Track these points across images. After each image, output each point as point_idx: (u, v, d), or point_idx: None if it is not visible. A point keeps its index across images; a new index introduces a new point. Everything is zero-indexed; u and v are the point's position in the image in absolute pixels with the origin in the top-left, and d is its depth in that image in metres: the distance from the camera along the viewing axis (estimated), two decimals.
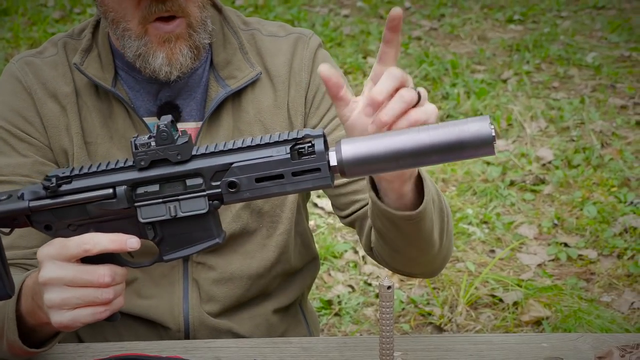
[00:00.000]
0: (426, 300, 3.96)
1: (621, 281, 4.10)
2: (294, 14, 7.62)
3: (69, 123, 1.93)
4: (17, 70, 1.95)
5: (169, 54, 1.79)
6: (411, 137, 1.35)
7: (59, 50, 1.97)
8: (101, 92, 1.93)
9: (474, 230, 4.46)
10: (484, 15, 7.87)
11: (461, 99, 5.96)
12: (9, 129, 1.91)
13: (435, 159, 1.36)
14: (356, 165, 1.37)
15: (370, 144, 1.37)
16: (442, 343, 1.87)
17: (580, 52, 6.83)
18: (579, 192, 4.79)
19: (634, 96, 6.07)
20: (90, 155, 1.94)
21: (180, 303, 1.98)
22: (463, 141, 1.33)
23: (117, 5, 1.78)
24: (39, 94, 1.93)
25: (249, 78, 1.95)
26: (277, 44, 2.02)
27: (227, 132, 1.96)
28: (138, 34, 1.79)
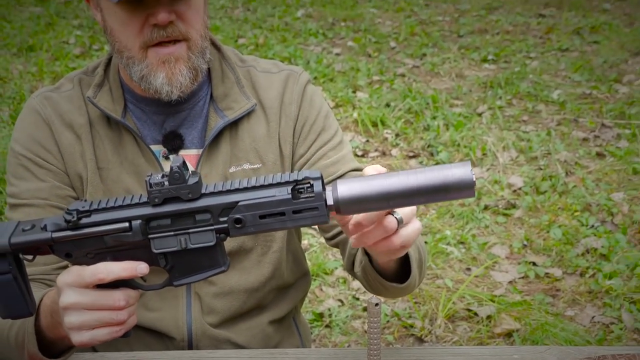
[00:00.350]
0: (408, 313, 3.95)
1: (583, 297, 4.09)
2: (291, 52, 7.64)
3: (84, 151, 1.92)
4: (37, 104, 1.95)
5: (169, 74, 1.78)
6: (401, 181, 1.35)
7: (74, 85, 1.97)
8: (112, 122, 1.93)
9: (452, 250, 4.45)
10: (461, 55, 7.90)
11: (441, 130, 5.96)
12: (29, 157, 1.90)
13: (422, 200, 1.36)
14: (350, 204, 1.37)
15: (363, 185, 1.36)
16: (425, 355, 1.85)
17: (547, 90, 6.86)
18: (546, 216, 4.79)
19: (595, 130, 6.08)
20: (102, 179, 1.93)
21: (184, 315, 1.97)
22: (448, 185, 1.34)
23: (122, 34, 1.78)
24: (56, 125, 1.92)
25: (244, 109, 1.94)
26: (270, 79, 2.02)
27: (225, 159, 1.95)
28: (140, 58, 1.78)
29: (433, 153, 5.67)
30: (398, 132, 6.00)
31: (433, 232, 4.64)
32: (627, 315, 3.93)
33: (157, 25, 1.74)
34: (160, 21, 1.72)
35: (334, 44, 8.22)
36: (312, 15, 9.19)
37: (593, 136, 5.99)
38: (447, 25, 8.95)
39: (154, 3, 1.72)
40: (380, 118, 6.12)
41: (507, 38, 8.45)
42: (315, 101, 2.03)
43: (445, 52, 7.94)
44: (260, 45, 7.87)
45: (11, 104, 6.07)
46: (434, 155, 5.63)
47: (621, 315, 3.93)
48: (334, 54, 7.82)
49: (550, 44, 8.22)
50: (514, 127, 6.14)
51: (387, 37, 8.43)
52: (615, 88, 6.94)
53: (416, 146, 5.80)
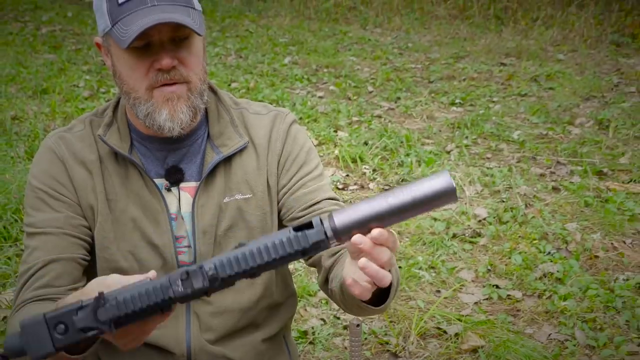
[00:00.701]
0: (384, 331, 3.94)
1: (541, 317, 4.10)
2: (279, 95, 7.66)
3: (94, 184, 1.94)
4: (52, 143, 1.97)
5: (171, 111, 1.81)
6: (388, 201, 1.36)
7: (85, 126, 2.00)
8: (119, 158, 1.95)
9: (423, 274, 4.46)
10: (431, 98, 7.93)
11: (414, 166, 5.98)
12: (46, 190, 1.92)
13: (413, 213, 1.37)
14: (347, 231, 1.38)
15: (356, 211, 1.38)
16: None
17: (508, 130, 6.89)
18: (508, 244, 4.80)
19: (551, 167, 6.11)
20: (111, 209, 1.95)
21: (184, 332, 1.97)
22: (433, 196, 1.34)
23: (130, 78, 1.81)
24: (70, 162, 1.94)
25: (237, 146, 1.97)
26: (260, 120, 2.05)
27: (220, 190, 1.97)
28: (146, 98, 1.81)
29: None
30: (375, 168, 6.01)
31: (406, 258, 4.64)
32: (579, 333, 3.94)
33: (162, 70, 1.78)
34: (165, 66, 1.76)
35: (318, 88, 8.26)
36: (297, 62, 9.23)
37: (549, 172, 6.02)
38: (419, 72, 9.00)
39: (158, 49, 1.76)
40: (359, 155, 6.13)
41: (472, 84, 8.49)
42: (298, 138, 2.06)
43: (417, 96, 7.98)
44: (251, 89, 7.89)
45: (26, 141, 6.06)
46: None
47: (574, 333, 3.94)
48: (318, 97, 7.85)
49: (510, 90, 8.27)
50: (479, 163, 6.17)
51: (365, 82, 8.47)
52: (568, 129, 6.99)
53: (391, 180, 5.82)
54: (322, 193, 2.01)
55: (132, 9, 1.73)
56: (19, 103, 6.98)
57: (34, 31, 10.07)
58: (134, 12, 1.73)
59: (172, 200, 1.97)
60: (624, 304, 4.17)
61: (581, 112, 7.49)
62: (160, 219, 1.95)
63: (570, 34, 10.61)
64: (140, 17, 1.72)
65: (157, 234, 1.95)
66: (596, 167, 6.04)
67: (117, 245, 1.94)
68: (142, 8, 1.73)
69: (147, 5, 1.73)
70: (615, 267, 4.60)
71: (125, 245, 1.94)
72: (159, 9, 1.73)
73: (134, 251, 1.95)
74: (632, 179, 5.88)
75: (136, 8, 1.73)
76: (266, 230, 2.02)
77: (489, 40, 10.41)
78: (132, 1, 1.74)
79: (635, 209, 5.31)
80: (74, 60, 8.76)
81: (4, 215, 4.74)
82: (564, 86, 8.32)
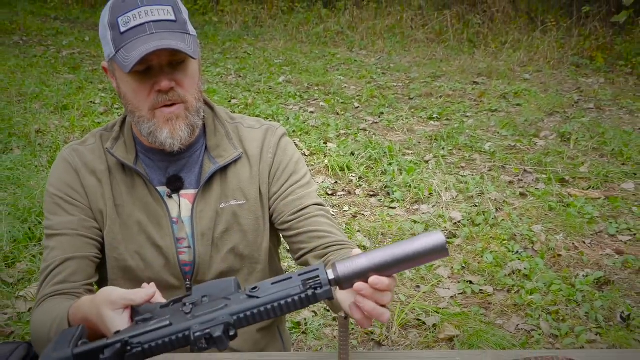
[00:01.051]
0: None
1: (510, 309, 4.09)
2: (274, 110, 7.65)
3: (104, 191, 1.94)
4: (67, 155, 1.98)
5: (171, 129, 1.82)
6: (388, 254, 1.36)
7: (96, 140, 2.00)
8: (126, 168, 1.95)
9: (405, 272, 4.45)
10: (411, 114, 7.94)
11: (395, 174, 5.97)
12: (61, 196, 1.93)
13: (407, 266, 1.37)
14: (348, 280, 1.38)
15: (358, 264, 1.38)
16: (383, 357, 1.85)
17: (480, 142, 6.90)
18: (480, 244, 4.80)
19: (518, 175, 6.12)
20: (118, 214, 1.95)
21: None
22: (427, 250, 1.35)
23: (134, 99, 1.82)
24: (82, 172, 1.95)
25: (232, 157, 1.97)
26: (253, 133, 2.05)
27: (216, 196, 1.97)
28: (148, 118, 1.82)
29: (389, 192, 5.68)
30: (361, 176, 6.01)
31: None
32: (544, 324, 3.94)
33: (161, 91, 1.78)
34: (163, 87, 1.77)
35: (309, 104, 8.25)
36: (291, 81, 9.23)
37: (517, 180, 6.03)
38: (400, 89, 9.01)
39: (158, 73, 1.78)
40: (347, 164, 6.13)
41: (448, 101, 8.50)
42: (288, 150, 2.06)
43: (398, 111, 7.99)
44: (249, 105, 7.88)
45: (49, 152, 6.05)
46: (390, 194, 5.64)
47: (540, 324, 3.94)
48: (309, 112, 7.84)
49: (482, 106, 8.29)
50: (454, 172, 6.17)
51: (352, 98, 8.47)
52: (534, 142, 7.00)
53: (375, 187, 5.81)
54: (309, 199, 2.02)
55: (133, 37, 1.74)
56: (42, 118, 6.96)
57: (56, 54, 10.05)
58: (134, 39, 1.74)
59: (173, 206, 1.96)
60: (584, 298, 4.18)
61: (545, 126, 7.51)
62: (163, 223, 1.95)
63: (535, 56, 10.64)
64: (140, 44, 1.72)
65: (160, 236, 1.95)
66: (559, 175, 6.05)
67: (125, 246, 1.94)
68: (142, 36, 1.74)
69: (146, 33, 1.74)
70: (576, 265, 4.61)
71: (132, 247, 1.94)
72: (157, 36, 1.73)
73: (140, 251, 1.94)
74: (591, 186, 5.90)
75: (137, 36, 1.74)
76: (259, 233, 2.02)
77: (462, 62, 10.43)
78: (133, 30, 1.75)
79: (594, 212, 5.32)
80: (91, 79, 8.74)
81: (29, 217, 4.73)
82: (530, 103, 8.34)
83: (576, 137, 7.05)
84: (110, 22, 1.79)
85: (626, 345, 3.75)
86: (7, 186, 5.22)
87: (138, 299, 1.51)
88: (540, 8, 12.95)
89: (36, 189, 5.07)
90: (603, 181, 5.99)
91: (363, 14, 12.85)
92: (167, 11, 1.78)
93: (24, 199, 4.92)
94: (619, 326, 3.95)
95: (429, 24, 12.32)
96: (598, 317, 3.99)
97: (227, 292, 1.43)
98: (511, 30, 11.75)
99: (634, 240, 4.98)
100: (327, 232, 1.95)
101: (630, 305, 4.13)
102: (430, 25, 12.28)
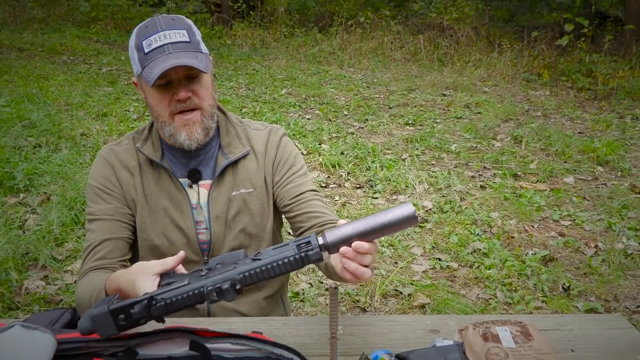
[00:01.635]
0: (355, 292, 3.93)
1: (471, 281, 4.10)
2: (277, 117, 7.63)
3: (135, 183, 1.95)
4: (105, 154, 1.98)
5: (189, 133, 1.83)
6: (368, 223, 1.39)
7: (129, 141, 2.01)
8: (154, 164, 1.95)
9: (385, 250, 4.45)
10: (391, 120, 7.93)
11: (377, 170, 5.97)
12: (100, 187, 1.93)
13: (384, 232, 1.39)
14: (335, 246, 1.41)
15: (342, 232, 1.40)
16: (367, 321, 1.85)
17: (448, 144, 6.89)
18: (447, 228, 4.81)
19: (479, 170, 6.12)
20: (147, 202, 1.96)
21: None
22: (400, 219, 1.38)
23: (157, 107, 1.83)
24: (117, 167, 1.95)
25: (241, 153, 1.98)
26: (259, 134, 2.06)
27: (229, 185, 1.98)
28: (169, 122, 1.83)
29: (372, 185, 5.67)
30: (349, 171, 6.00)
31: None
32: (500, 293, 3.94)
33: (180, 100, 1.79)
34: (181, 97, 1.79)
35: (306, 112, 8.23)
36: (291, 93, 9.21)
37: (478, 175, 6.03)
38: (382, 100, 8.99)
39: (176, 85, 1.80)
40: (337, 162, 6.12)
41: (421, 109, 8.49)
42: (287, 147, 2.08)
43: (380, 118, 7.98)
44: (257, 113, 7.87)
45: (91, 151, 6.02)
46: (373, 187, 5.64)
47: (496, 293, 3.94)
48: (306, 119, 7.83)
49: (449, 114, 8.28)
50: (426, 168, 6.17)
51: (342, 107, 8.45)
52: (492, 143, 7.00)
53: (361, 180, 5.81)
54: (306, 186, 2.03)
55: (155, 57, 1.76)
56: (85, 123, 6.93)
57: (97, 71, 10.00)
58: (156, 58, 1.76)
59: (193, 194, 1.97)
60: (532, 272, 4.19)
61: (501, 131, 7.51)
62: (184, 209, 1.95)
63: (493, 73, 10.63)
64: (160, 62, 1.74)
65: (182, 219, 1.95)
66: (512, 171, 6.06)
67: (153, 228, 1.94)
68: (162, 55, 1.75)
69: (165, 53, 1.76)
70: (526, 245, 4.61)
71: (158, 228, 1.94)
72: (174, 56, 1.75)
73: (165, 232, 1.95)
74: (539, 180, 5.91)
75: (157, 56, 1.76)
76: (264, 216, 2.03)
77: (433, 77, 10.41)
78: (154, 51, 1.76)
79: (541, 202, 5.33)
80: (126, 92, 8.71)
81: (75, 205, 4.72)
82: (488, 111, 8.34)
83: (527, 140, 7.05)
84: (136, 45, 1.80)
85: (567, 311, 3.76)
86: (57, 180, 5.20)
87: (171, 261, 1.56)
88: (497, 33, 12.96)
89: (80, 182, 5.06)
90: (548, 176, 6.00)
91: (351, 37, 12.82)
92: (182, 34, 1.80)
93: (70, 190, 4.91)
94: (560, 295, 3.96)
95: (405, 46, 12.30)
96: (544, 288, 4.00)
97: (236, 259, 1.46)
98: (473, 51, 11.73)
99: (574, 224, 4.99)
100: (321, 212, 1.96)
101: (570, 278, 4.14)
102: (406, 47, 12.26)
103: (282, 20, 14.28)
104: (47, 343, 1.52)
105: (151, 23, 1.81)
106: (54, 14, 15.42)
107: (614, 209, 5.24)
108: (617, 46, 11.15)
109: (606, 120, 8.02)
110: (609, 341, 1.77)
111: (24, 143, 5.98)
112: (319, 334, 1.75)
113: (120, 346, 1.63)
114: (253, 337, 1.64)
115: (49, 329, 1.60)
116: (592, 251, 4.53)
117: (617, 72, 9.93)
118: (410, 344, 1.70)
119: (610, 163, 6.41)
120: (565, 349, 1.72)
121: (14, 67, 9.72)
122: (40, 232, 4.34)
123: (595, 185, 5.85)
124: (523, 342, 1.59)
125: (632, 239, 4.71)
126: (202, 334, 1.64)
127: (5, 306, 3.58)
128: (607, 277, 4.18)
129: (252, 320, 1.84)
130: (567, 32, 10.52)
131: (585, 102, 9.18)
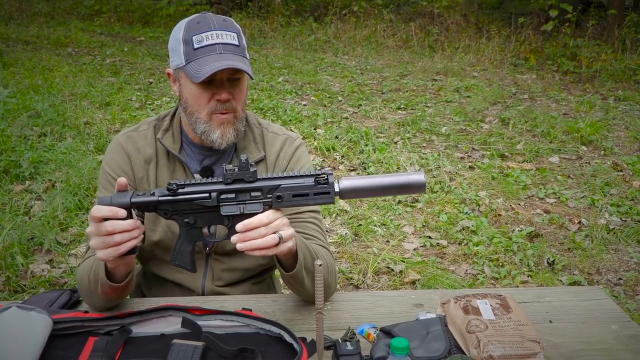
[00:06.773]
0: (349, 270, 3.93)
1: (460, 258, 4.10)
2: (275, 103, 7.59)
3: (149, 172, 1.90)
4: (122, 141, 1.92)
5: (222, 132, 1.78)
6: (381, 180, 1.45)
7: (149, 127, 1.94)
8: (170, 155, 1.90)
9: (377, 229, 4.45)
10: (384, 105, 7.90)
11: (370, 153, 5.95)
12: (113, 175, 1.88)
13: (393, 192, 1.46)
14: (349, 193, 1.46)
15: (359, 181, 1.46)
16: (354, 296, 1.84)
17: (438, 127, 6.87)
18: (438, 207, 4.80)
19: (468, 152, 6.11)
20: None
21: (201, 279, 1.93)
22: (410, 183, 1.45)
23: (194, 103, 1.77)
24: (133, 156, 1.90)
25: (255, 159, 1.92)
26: (275, 139, 1.99)
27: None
28: (205, 120, 1.78)
29: (366, 167, 5.66)
30: (343, 154, 5.99)
31: (365, 218, 4.63)
32: (487, 269, 3.94)
33: (220, 100, 1.75)
34: (223, 98, 1.74)
35: (302, 98, 8.20)
36: (288, 80, 9.16)
37: (467, 156, 6.02)
38: (375, 86, 8.96)
39: (219, 85, 1.74)
40: (332, 145, 6.10)
41: (413, 94, 8.46)
42: (300, 160, 1.99)
43: (373, 103, 7.95)
44: (255, 100, 7.83)
45: (94, 139, 6.00)
46: (366, 169, 5.63)
47: (484, 269, 3.95)
48: (302, 105, 7.80)
49: (440, 98, 8.25)
50: (417, 150, 6.15)
51: (337, 94, 8.42)
52: (480, 126, 6.98)
53: (355, 163, 5.80)
54: (306, 206, 1.97)
55: (204, 54, 1.70)
56: (89, 112, 6.91)
57: (101, 62, 9.94)
58: (206, 56, 1.70)
59: None
60: (518, 248, 4.19)
61: (489, 113, 7.49)
62: None
63: (481, 58, 10.58)
64: (211, 60, 1.69)
65: None
66: (500, 152, 6.05)
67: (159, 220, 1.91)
68: (212, 54, 1.70)
69: (216, 52, 1.70)
70: (512, 222, 4.61)
71: (164, 220, 1.89)
72: (225, 57, 1.70)
73: (170, 225, 1.89)
74: (525, 160, 5.90)
75: (208, 53, 1.70)
76: None
77: (424, 63, 10.37)
78: (205, 48, 1.71)
79: (527, 180, 5.32)
80: (129, 82, 8.67)
81: (79, 192, 4.70)
82: (477, 95, 8.31)
83: (514, 122, 7.03)
84: (184, 38, 1.74)
85: (551, 284, 3.76)
86: (61, 167, 5.19)
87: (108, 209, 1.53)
88: (486, 20, 12.88)
89: (84, 169, 5.04)
90: (534, 156, 5.99)
91: (345, 26, 12.75)
92: (233, 37, 1.75)
93: (74, 177, 4.89)
94: (545, 270, 3.96)
95: (397, 34, 12.24)
96: (530, 263, 4.01)
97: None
98: (463, 37, 11.68)
99: (558, 202, 4.99)
100: (311, 236, 1.89)
101: (555, 253, 4.15)
102: (398, 34, 12.20)
103: (279, 10, 14.18)
104: (43, 323, 1.51)
105: (203, 19, 1.75)
106: (59, 7, 15.32)
107: (597, 186, 5.24)
108: (600, 30, 11.11)
109: (590, 101, 8.00)
110: (586, 312, 1.77)
111: (29, 132, 5.96)
112: (307, 310, 1.75)
113: (115, 325, 1.63)
114: (243, 313, 1.64)
115: (45, 310, 1.59)
116: (575, 227, 4.53)
117: (600, 56, 9.90)
118: (395, 318, 1.70)
119: (594, 143, 6.40)
120: (544, 320, 1.72)
121: (20, 60, 9.67)
122: (45, 218, 4.33)
123: (579, 164, 5.84)
124: (502, 314, 1.59)
125: (614, 215, 4.71)
126: (194, 312, 1.64)
127: (12, 289, 3.58)
128: (590, 252, 4.18)
129: (243, 298, 1.83)
130: (552, 17, 10.47)
131: (570, 84, 9.15)
